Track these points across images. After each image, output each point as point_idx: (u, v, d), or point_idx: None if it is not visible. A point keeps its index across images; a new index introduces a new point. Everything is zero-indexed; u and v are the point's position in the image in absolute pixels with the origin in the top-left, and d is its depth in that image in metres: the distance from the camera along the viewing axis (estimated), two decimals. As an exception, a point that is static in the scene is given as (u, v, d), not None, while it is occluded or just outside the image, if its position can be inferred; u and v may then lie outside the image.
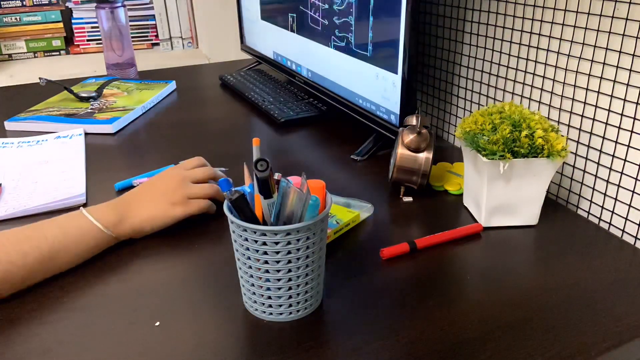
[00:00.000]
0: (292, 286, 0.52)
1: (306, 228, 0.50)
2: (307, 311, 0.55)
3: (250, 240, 0.50)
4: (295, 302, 0.53)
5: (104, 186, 0.81)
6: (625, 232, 0.71)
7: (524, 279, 0.61)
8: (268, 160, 0.48)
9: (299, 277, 0.52)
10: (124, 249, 0.66)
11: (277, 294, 0.53)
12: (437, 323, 0.54)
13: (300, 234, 0.50)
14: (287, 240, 0.50)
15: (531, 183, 0.67)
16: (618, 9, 0.67)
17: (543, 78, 0.79)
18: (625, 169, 0.70)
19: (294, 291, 0.53)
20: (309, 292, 0.54)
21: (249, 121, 1.11)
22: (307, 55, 1.12)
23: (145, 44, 2.07)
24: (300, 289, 0.53)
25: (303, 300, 0.54)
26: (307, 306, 0.55)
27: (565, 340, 0.51)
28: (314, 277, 0.53)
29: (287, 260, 0.51)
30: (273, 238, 0.49)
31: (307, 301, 0.54)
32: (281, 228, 0.49)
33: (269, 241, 0.50)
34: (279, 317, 0.54)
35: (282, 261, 0.51)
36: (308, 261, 0.52)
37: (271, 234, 0.49)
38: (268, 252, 0.50)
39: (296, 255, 0.51)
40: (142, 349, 0.51)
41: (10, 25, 1.91)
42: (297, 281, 0.52)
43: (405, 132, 0.76)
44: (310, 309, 0.55)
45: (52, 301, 0.58)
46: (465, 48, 0.94)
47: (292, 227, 0.49)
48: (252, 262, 0.52)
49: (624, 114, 0.69)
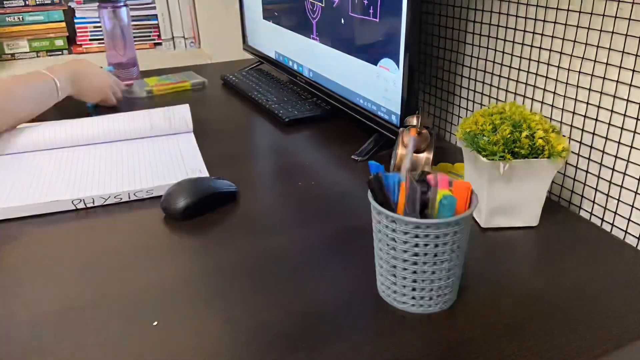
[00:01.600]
0: (436, 279, 0.54)
1: (454, 223, 0.51)
2: (445, 305, 0.56)
3: (398, 232, 0.52)
4: (436, 294, 0.55)
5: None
6: (628, 233, 0.71)
7: (524, 280, 0.60)
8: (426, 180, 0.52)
9: (442, 271, 0.53)
10: (124, 249, 0.66)
11: (422, 286, 0.54)
12: (436, 323, 0.54)
13: (449, 228, 0.51)
14: (436, 234, 0.51)
15: (532, 184, 0.67)
16: (621, 9, 0.66)
17: (545, 78, 0.79)
18: (628, 170, 0.69)
19: (438, 284, 0.54)
20: (449, 286, 0.55)
21: (252, 121, 1.11)
22: (309, 55, 1.12)
23: (148, 44, 2.07)
24: (443, 283, 0.54)
25: (443, 294, 0.55)
26: (446, 300, 0.56)
27: (565, 341, 0.51)
28: (453, 273, 0.55)
29: (434, 253, 0.52)
30: (425, 231, 0.51)
31: (446, 295, 0.55)
32: (430, 221, 0.50)
33: (421, 234, 0.51)
34: (419, 308, 0.55)
35: (429, 254, 0.52)
36: (453, 255, 0.53)
37: (423, 227, 0.51)
38: (419, 244, 0.52)
39: (442, 249, 0.52)
40: (140, 349, 0.51)
41: (13, 25, 1.91)
42: (441, 274, 0.54)
43: (405, 132, 0.76)
44: (447, 304, 0.56)
45: (52, 301, 0.58)
46: (468, 48, 0.93)
47: (440, 222, 0.50)
48: (399, 254, 0.53)
49: (627, 115, 0.68)
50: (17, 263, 0.64)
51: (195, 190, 0.73)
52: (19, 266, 0.64)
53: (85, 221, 0.73)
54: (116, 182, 0.80)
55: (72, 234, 0.70)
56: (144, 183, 0.79)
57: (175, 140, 0.97)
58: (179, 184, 0.75)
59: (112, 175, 0.82)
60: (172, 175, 0.82)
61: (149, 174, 0.82)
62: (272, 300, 0.57)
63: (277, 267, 0.63)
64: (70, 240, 0.69)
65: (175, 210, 0.72)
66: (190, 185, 0.74)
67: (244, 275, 0.61)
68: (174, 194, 0.73)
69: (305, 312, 0.55)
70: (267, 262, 0.64)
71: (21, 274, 0.62)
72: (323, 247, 0.66)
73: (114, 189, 0.78)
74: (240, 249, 0.66)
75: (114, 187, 0.78)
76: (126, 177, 0.81)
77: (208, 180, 0.77)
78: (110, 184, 0.79)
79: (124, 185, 0.79)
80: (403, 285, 0.54)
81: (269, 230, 0.70)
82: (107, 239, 0.69)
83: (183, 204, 0.71)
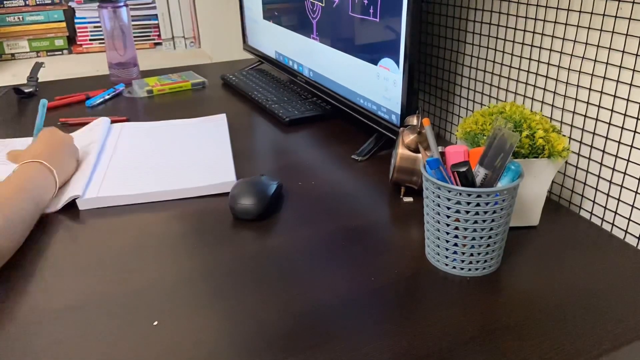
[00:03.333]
0: (490, 243, 0.59)
1: (512, 189, 0.57)
2: (491, 269, 0.62)
3: (463, 203, 0.57)
4: (490, 257, 0.60)
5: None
6: (628, 233, 0.71)
7: (524, 280, 0.60)
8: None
9: (490, 237, 0.59)
10: (123, 249, 0.66)
11: (478, 251, 0.59)
12: (435, 324, 0.53)
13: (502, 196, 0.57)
14: (487, 201, 0.57)
15: (532, 184, 0.67)
16: (621, 8, 0.66)
17: (546, 78, 0.79)
18: (629, 169, 0.69)
19: (489, 248, 0.60)
20: (497, 250, 0.61)
21: (252, 121, 1.11)
22: (309, 55, 1.12)
23: (148, 44, 2.07)
24: (489, 248, 0.60)
25: (489, 259, 0.61)
26: (494, 263, 0.61)
27: (565, 341, 0.51)
28: (502, 237, 0.60)
29: (492, 219, 0.58)
30: (485, 199, 0.56)
31: (494, 259, 0.61)
32: (479, 190, 0.56)
33: (482, 202, 0.56)
34: (474, 272, 0.61)
35: (487, 220, 0.57)
36: (507, 220, 0.59)
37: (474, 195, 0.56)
38: (480, 212, 0.57)
39: (500, 214, 0.58)
40: (140, 349, 0.51)
41: (13, 25, 1.91)
42: (496, 238, 0.59)
43: (405, 132, 0.76)
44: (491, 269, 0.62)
45: (51, 300, 0.58)
46: (468, 48, 0.93)
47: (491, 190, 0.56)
48: (455, 222, 0.58)
49: (627, 114, 0.68)
50: (18, 262, 0.64)
51: (262, 191, 0.73)
52: (20, 265, 0.64)
53: (80, 222, 0.73)
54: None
55: (72, 233, 0.70)
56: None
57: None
58: (245, 184, 0.74)
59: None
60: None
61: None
62: (272, 300, 0.57)
63: (277, 267, 0.63)
64: (70, 240, 0.69)
65: (248, 210, 0.72)
66: (254, 186, 0.74)
67: (244, 275, 0.61)
68: (242, 195, 0.72)
69: (306, 312, 0.55)
70: (267, 262, 0.64)
71: (22, 273, 0.62)
72: (323, 246, 0.66)
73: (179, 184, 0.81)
74: (240, 248, 0.66)
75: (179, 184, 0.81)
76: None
77: (265, 180, 0.76)
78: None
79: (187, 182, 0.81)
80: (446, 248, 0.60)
81: (269, 230, 0.70)
82: (107, 239, 0.69)
83: (258, 206, 0.72)
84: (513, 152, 0.64)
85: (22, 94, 1.25)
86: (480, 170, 0.58)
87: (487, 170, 0.57)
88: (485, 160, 0.58)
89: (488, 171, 0.57)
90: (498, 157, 0.57)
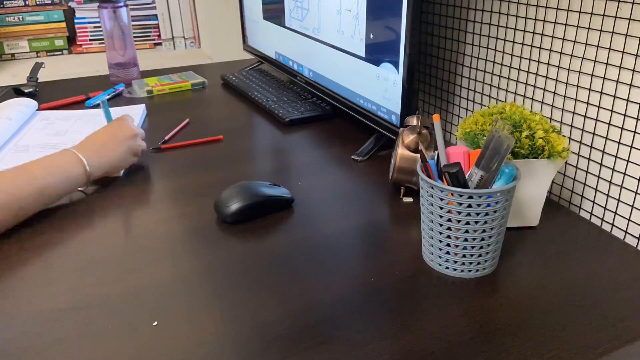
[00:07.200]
0: (484, 245, 0.59)
1: (505, 192, 0.57)
2: (485, 271, 0.61)
3: (455, 204, 0.57)
4: (483, 260, 0.60)
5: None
6: (628, 233, 0.71)
7: (524, 280, 0.60)
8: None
9: (487, 238, 0.59)
10: (123, 249, 0.66)
11: (471, 252, 0.59)
12: (435, 325, 0.54)
13: (498, 197, 0.57)
14: (487, 202, 0.56)
15: (532, 184, 0.67)
16: (621, 9, 0.66)
17: (545, 78, 0.79)
18: (628, 170, 0.69)
19: (484, 250, 0.59)
20: (491, 253, 0.60)
21: (252, 121, 1.11)
22: (309, 55, 1.12)
23: (148, 44, 2.07)
24: (488, 249, 0.59)
25: (483, 261, 0.60)
26: (488, 266, 0.61)
27: (564, 342, 0.51)
28: (496, 240, 0.60)
29: (484, 221, 0.57)
30: (477, 200, 0.56)
31: (488, 261, 0.60)
32: (479, 192, 0.56)
33: (474, 203, 0.56)
34: (467, 273, 0.61)
35: (479, 222, 0.57)
36: (501, 222, 0.59)
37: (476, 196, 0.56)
38: (472, 214, 0.57)
39: (492, 217, 0.57)
40: (140, 349, 0.51)
41: (13, 25, 1.91)
42: (489, 240, 0.59)
43: (405, 132, 0.76)
44: (488, 270, 0.61)
45: (51, 300, 0.58)
46: (468, 48, 0.93)
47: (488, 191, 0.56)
48: (448, 222, 0.58)
49: (627, 115, 0.68)
50: (17, 262, 0.64)
51: (249, 194, 0.72)
52: (19, 265, 0.64)
53: (80, 221, 0.73)
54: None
55: (71, 234, 0.70)
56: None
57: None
58: (234, 187, 0.74)
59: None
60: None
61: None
62: (272, 300, 0.57)
63: (277, 267, 0.63)
64: (70, 240, 0.69)
65: (226, 213, 0.71)
66: (244, 189, 0.73)
67: (244, 275, 0.61)
68: (228, 197, 0.72)
69: (305, 312, 0.55)
70: (266, 262, 0.64)
71: (22, 273, 0.62)
72: (323, 247, 0.66)
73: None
74: (240, 249, 0.66)
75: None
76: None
77: (264, 186, 0.75)
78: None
79: None
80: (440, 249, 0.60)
81: (269, 230, 0.70)
82: (107, 239, 0.69)
83: (235, 207, 0.71)
84: (513, 152, 0.64)
85: (22, 94, 1.25)
86: (477, 172, 0.58)
87: (483, 172, 0.57)
88: (482, 163, 0.58)
89: (484, 173, 0.57)
90: (494, 159, 0.57)
